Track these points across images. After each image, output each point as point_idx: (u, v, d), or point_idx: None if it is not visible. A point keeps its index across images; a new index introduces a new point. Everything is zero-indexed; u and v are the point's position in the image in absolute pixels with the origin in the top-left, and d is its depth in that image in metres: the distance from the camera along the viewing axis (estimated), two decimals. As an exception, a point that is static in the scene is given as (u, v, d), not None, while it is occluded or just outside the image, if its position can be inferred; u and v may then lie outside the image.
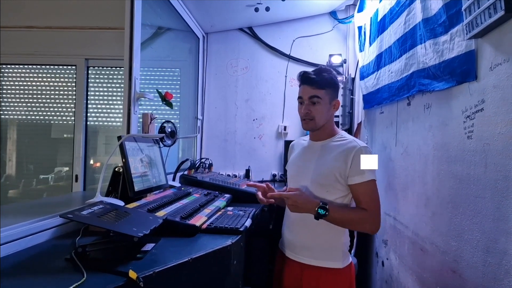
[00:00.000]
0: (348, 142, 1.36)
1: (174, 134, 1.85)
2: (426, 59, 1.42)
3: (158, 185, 1.63)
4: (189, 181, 2.03)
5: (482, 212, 1.07)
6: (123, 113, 1.69)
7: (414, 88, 1.56)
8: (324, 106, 1.36)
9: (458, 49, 1.19)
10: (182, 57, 3.01)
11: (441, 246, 1.35)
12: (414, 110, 1.65)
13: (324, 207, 1.24)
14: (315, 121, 1.37)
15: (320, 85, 1.34)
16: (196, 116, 3.00)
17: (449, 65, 1.25)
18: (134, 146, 1.50)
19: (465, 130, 1.17)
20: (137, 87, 1.73)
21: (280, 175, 3.02)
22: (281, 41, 3.08)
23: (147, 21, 2.48)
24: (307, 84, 1.36)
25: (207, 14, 2.77)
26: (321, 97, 1.34)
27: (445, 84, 1.30)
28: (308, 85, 1.36)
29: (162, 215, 1.24)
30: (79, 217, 0.95)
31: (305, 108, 1.36)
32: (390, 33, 1.83)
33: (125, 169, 1.36)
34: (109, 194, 1.44)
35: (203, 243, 1.16)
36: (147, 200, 1.45)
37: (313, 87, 1.35)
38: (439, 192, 1.38)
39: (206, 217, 1.38)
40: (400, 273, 1.78)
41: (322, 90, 1.35)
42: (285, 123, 3.06)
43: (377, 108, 2.22)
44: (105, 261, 0.93)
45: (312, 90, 1.35)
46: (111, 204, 1.15)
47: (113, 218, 1.02)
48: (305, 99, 1.37)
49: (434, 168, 1.43)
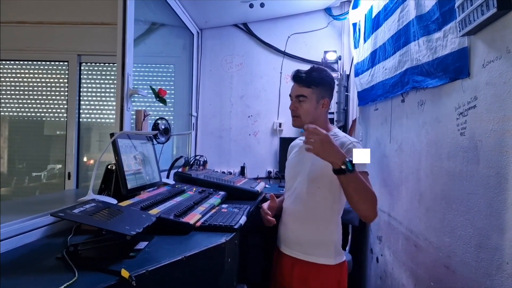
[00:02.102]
0: (340, 139, 1.38)
1: (168, 131, 1.84)
2: (419, 56, 1.42)
3: (152, 183, 1.62)
4: (184, 179, 2.02)
5: (474, 208, 1.07)
6: (115, 110, 1.67)
7: (408, 85, 1.56)
8: (310, 104, 1.39)
9: (451, 46, 1.19)
10: (176, 53, 2.99)
11: (435, 242, 1.36)
12: (408, 107, 1.65)
13: (351, 163, 1.15)
14: (300, 119, 1.40)
15: (307, 84, 1.37)
16: (190, 113, 2.98)
17: (442, 62, 1.25)
18: (127, 143, 1.49)
19: (458, 127, 1.18)
20: (130, 84, 1.71)
21: (276, 172, 3.02)
22: (276, 37, 3.07)
23: (141, 16, 2.46)
24: (296, 82, 1.41)
25: (201, 10, 2.75)
26: (307, 96, 1.38)
27: (438, 81, 1.30)
28: (296, 83, 1.41)
29: (155, 213, 1.23)
30: (71, 216, 0.93)
31: (292, 106, 1.42)
32: (384, 30, 1.82)
33: (118, 167, 1.35)
34: (102, 192, 1.43)
35: (197, 241, 1.15)
36: (141, 198, 1.44)
37: (300, 86, 1.39)
38: (433, 188, 1.39)
39: (200, 215, 1.37)
40: (394, 269, 1.79)
41: (309, 89, 1.38)
42: (280, 120, 3.06)
43: (371, 105, 2.22)
44: (97, 260, 0.92)
45: (299, 89, 1.39)
46: (103, 202, 1.14)
47: (105, 217, 1.01)
48: (293, 97, 1.42)
49: (428, 164, 1.43)
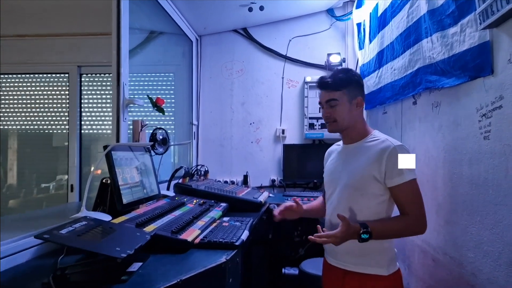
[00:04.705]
0: (381, 142, 1.26)
1: (166, 142, 1.75)
2: (433, 54, 1.32)
3: (150, 196, 1.53)
4: (184, 190, 1.92)
5: (503, 222, 0.96)
6: (112, 121, 1.59)
7: (421, 86, 1.46)
8: (343, 106, 1.33)
9: (470, 41, 1.09)
10: (176, 62, 2.91)
11: (456, 258, 1.24)
12: (421, 109, 1.55)
13: (366, 231, 1.15)
14: (337, 123, 1.34)
15: (335, 87, 1.33)
16: (191, 122, 2.89)
17: (460, 59, 1.15)
18: (123, 155, 1.39)
19: (481, 130, 1.07)
20: (126, 93, 1.62)
21: (280, 180, 2.91)
22: (277, 41, 2.98)
23: (138, 25, 2.40)
24: (323, 89, 1.37)
25: (200, 16, 2.67)
26: (338, 99, 1.32)
27: (456, 80, 1.20)
28: (324, 89, 1.36)
29: (151, 230, 1.14)
30: (56, 238, 0.84)
31: (325, 112, 1.37)
32: (391, 28, 1.73)
33: (112, 181, 1.25)
34: (97, 207, 1.34)
35: (196, 260, 1.07)
36: (138, 212, 1.35)
37: (328, 91, 1.34)
38: (452, 198, 1.28)
39: (200, 230, 1.27)
40: (410, 284, 1.67)
41: (338, 92, 1.33)
42: (283, 126, 2.95)
43: (379, 108, 2.12)
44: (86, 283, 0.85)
45: (328, 94, 1.35)
46: (95, 220, 1.05)
47: (95, 237, 0.92)
48: (323, 103, 1.37)
49: (446, 171, 1.33)
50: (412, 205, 1.21)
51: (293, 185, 2.90)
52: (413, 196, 1.21)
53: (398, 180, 1.19)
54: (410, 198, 1.21)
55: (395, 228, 1.22)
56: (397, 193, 1.22)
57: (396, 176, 1.20)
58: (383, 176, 1.22)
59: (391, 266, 1.27)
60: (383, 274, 1.25)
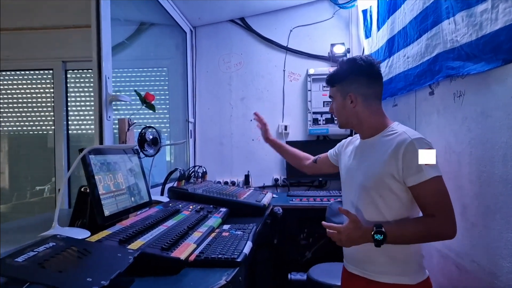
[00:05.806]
0: (398, 135, 1.11)
1: (157, 142, 1.59)
2: (456, 37, 1.15)
3: (139, 204, 1.37)
4: (179, 195, 1.76)
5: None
6: (94, 120, 1.43)
7: (440, 74, 1.30)
8: (338, 103, 1.27)
9: (505, 19, 0.93)
10: (169, 55, 2.75)
11: (487, 266, 1.10)
12: (440, 100, 1.38)
13: (379, 231, 1.03)
14: (338, 119, 1.32)
15: (331, 83, 1.29)
16: (187, 119, 2.73)
17: (491, 40, 0.99)
18: (105, 159, 1.24)
19: (520, 122, 0.91)
20: (109, 89, 1.47)
21: (283, 179, 2.75)
22: (277, 31, 2.81)
23: (126, 15, 2.23)
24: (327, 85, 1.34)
25: (193, 5, 2.49)
26: (333, 95, 1.30)
27: (485, 65, 1.04)
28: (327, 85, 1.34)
29: (137, 247, 0.98)
30: (8, 269, 0.68)
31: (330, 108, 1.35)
32: (404, 11, 1.56)
33: (91, 190, 1.10)
34: (76, 221, 1.18)
35: (190, 283, 0.91)
36: (124, 225, 1.19)
37: (328, 87, 1.32)
38: (481, 198, 1.13)
39: (195, 245, 1.12)
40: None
41: (333, 88, 1.29)
42: (286, 122, 2.79)
43: (389, 101, 1.96)
44: None
45: (329, 89, 1.33)
46: (66, 240, 0.88)
47: (62, 264, 0.75)
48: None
49: (472, 169, 1.17)
50: (436, 205, 1.05)
51: (297, 184, 2.75)
52: (436, 196, 1.05)
53: (417, 178, 1.04)
54: (433, 198, 1.05)
55: (415, 230, 1.06)
56: (418, 193, 1.07)
57: (415, 173, 1.04)
58: (401, 174, 1.07)
59: (418, 274, 1.14)
60: (409, 283, 1.11)
